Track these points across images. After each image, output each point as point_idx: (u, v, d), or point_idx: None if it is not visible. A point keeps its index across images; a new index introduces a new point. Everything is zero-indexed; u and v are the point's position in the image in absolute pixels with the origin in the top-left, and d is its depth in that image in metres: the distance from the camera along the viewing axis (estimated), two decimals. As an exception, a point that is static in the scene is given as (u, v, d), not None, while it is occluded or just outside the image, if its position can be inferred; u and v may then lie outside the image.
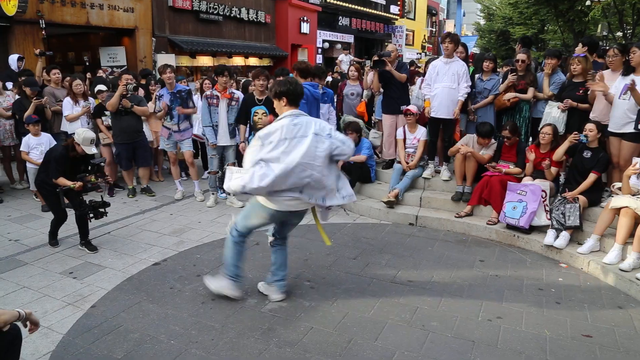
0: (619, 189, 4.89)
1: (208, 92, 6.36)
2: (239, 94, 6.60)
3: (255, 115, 6.18)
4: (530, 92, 6.12)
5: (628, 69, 5.06)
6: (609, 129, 5.19)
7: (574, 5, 23.01)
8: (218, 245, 5.16)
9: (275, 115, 5.98)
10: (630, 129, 4.98)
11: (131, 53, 13.01)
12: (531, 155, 5.55)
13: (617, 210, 4.61)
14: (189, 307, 3.85)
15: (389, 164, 6.91)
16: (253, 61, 17.96)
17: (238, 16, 16.62)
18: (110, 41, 13.21)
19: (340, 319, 3.72)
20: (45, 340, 3.38)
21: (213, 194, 6.63)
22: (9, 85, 7.48)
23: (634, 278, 4.24)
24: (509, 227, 5.38)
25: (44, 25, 10.37)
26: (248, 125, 6.34)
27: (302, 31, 19.88)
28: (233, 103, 6.33)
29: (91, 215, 4.97)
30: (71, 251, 4.99)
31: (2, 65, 9.31)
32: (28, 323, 2.54)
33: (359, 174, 6.60)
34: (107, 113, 6.77)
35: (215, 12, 15.54)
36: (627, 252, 4.48)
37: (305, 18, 19.94)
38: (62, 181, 4.80)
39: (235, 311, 3.81)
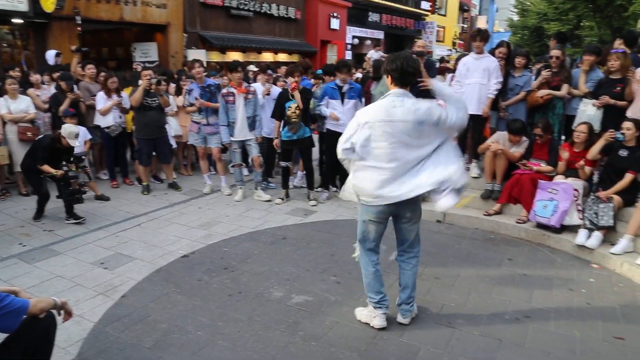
0: (656, 189, 4.74)
1: (224, 90, 6.41)
2: (255, 87, 6.69)
3: (289, 110, 6.23)
4: (565, 89, 5.97)
5: (668, 65, 4.89)
6: (647, 127, 5.02)
7: (613, 0, 22.25)
8: (245, 238, 5.23)
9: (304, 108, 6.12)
10: (670, 126, 4.82)
11: (163, 49, 13.24)
12: (565, 154, 5.42)
13: (653, 211, 4.48)
14: (216, 299, 3.92)
15: None
16: (282, 57, 18.03)
17: (268, 12, 16.72)
18: (143, 37, 13.47)
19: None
20: (78, 327, 3.49)
21: (240, 188, 6.70)
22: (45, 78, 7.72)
23: (670, 281, 4.11)
24: (539, 226, 5.27)
25: (80, 22, 10.64)
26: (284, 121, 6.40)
27: (331, 27, 19.85)
28: (250, 97, 6.37)
29: (70, 199, 5.56)
30: (102, 242, 5.13)
31: (40, 61, 9.63)
32: (62, 312, 2.62)
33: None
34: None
35: (246, 7, 15.66)
36: (664, 254, 4.35)
37: (335, 14, 19.90)
38: (46, 168, 5.49)
39: (261, 304, 3.85)
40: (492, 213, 5.70)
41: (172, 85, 7.83)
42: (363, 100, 6.51)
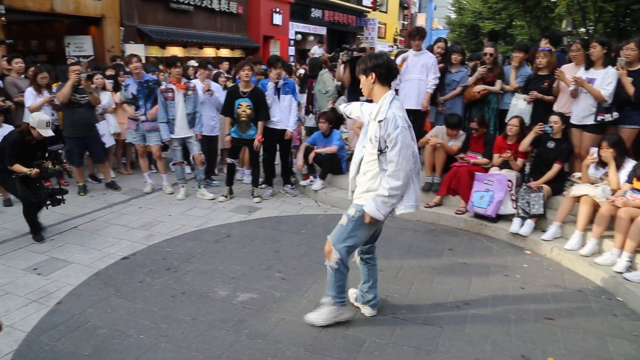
0: (579, 178, 5.06)
1: (163, 86, 6.24)
2: (195, 83, 6.56)
3: (239, 108, 6.12)
4: (498, 84, 6.24)
5: (589, 63, 5.21)
6: (571, 121, 5.34)
7: (540, 1, 23.65)
8: (189, 238, 5.13)
9: (257, 109, 5.99)
10: (591, 120, 5.16)
11: (98, 43, 12.67)
12: (506, 154, 5.63)
13: (578, 199, 4.77)
14: (159, 301, 3.82)
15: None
16: (225, 52, 17.75)
17: (209, 6, 16.38)
18: (77, 30, 12.82)
19: (312, 308, 3.73)
20: (8, 339, 3.30)
21: (182, 186, 6.56)
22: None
23: (593, 263, 4.40)
24: (477, 216, 5.50)
25: (3, 11, 9.98)
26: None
27: (274, 22, 19.73)
28: (189, 93, 6.24)
29: (48, 202, 4.93)
30: (35, 246, 4.87)
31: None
32: None
33: (330, 165, 6.62)
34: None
35: (186, 1, 15.27)
36: (587, 238, 4.65)
37: (277, 9, 19.79)
38: (18, 167, 4.74)
39: (205, 304, 3.79)
40: (433, 205, 5.88)
41: (109, 82, 7.52)
42: (298, 96, 6.54)
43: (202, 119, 6.48)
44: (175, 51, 15.12)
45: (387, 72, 3.09)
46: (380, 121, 3.05)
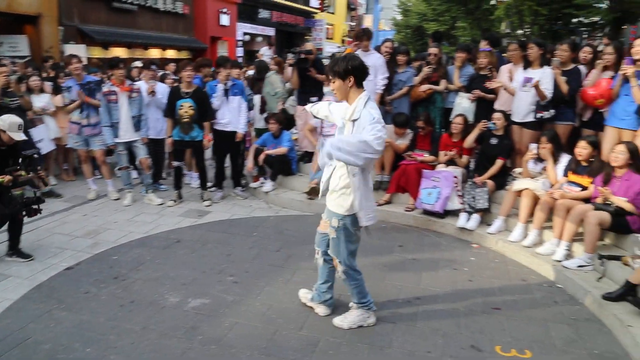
0: (520, 173, 5.29)
1: (105, 88, 6.04)
2: (139, 85, 6.38)
3: (181, 109, 5.98)
4: (443, 84, 6.42)
5: (527, 63, 5.45)
6: (512, 119, 5.57)
7: (481, 4, 24.68)
8: (137, 244, 4.98)
9: (201, 110, 5.86)
10: (531, 118, 5.40)
11: (35, 43, 12.06)
12: (451, 152, 5.79)
13: (519, 193, 4.98)
14: (107, 312, 3.68)
15: (304, 156, 6.98)
16: (171, 53, 17.36)
17: (154, 6, 15.97)
18: (10, 29, 12.14)
19: (265, 311, 3.73)
20: (-59, 358, 3.10)
21: (129, 192, 6.36)
22: None
23: (535, 253, 4.62)
24: (425, 212, 5.63)
25: None
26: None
27: (221, 23, 19.49)
28: (134, 95, 6.07)
29: (24, 213, 4.56)
30: (-30, 260, 4.59)
31: None
32: None
33: (280, 166, 6.61)
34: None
35: (130, 1, 14.82)
36: (529, 230, 4.86)
37: (224, 10, 19.56)
38: None
39: (156, 312, 3.69)
40: (383, 203, 5.98)
41: (48, 84, 7.18)
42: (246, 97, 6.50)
43: (148, 122, 6.31)
44: (119, 52, 14.66)
45: (363, 75, 3.10)
46: (354, 120, 3.06)
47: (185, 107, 5.98)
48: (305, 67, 6.51)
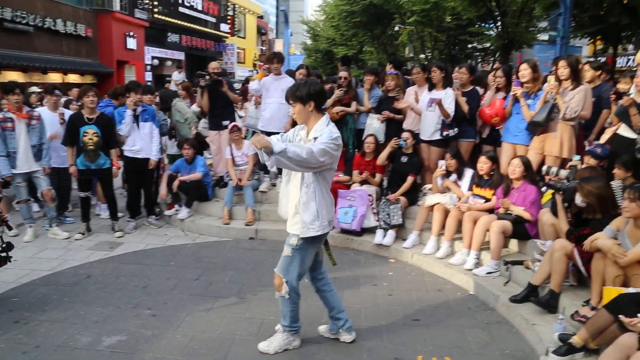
0: (430, 189, 5.59)
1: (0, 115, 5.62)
2: (39, 111, 5.99)
3: (85, 136, 5.65)
4: (354, 105, 6.64)
5: (431, 85, 5.82)
6: (420, 137, 5.89)
7: (385, 30, 26.09)
8: (41, 283, 4.60)
9: (105, 137, 5.56)
10: (437, 136, 5.73)
11: None
12: (365, 173, 5.98)
13: (431, 207, 5.25)
14: None
15: (219, 181, 6.89)
16: (73, 78, 16.46)
17: (53, 27, 15.11)
18: None
19: (187, 343, 3.59)
20: None
21: (30, 226, 5.87)
22: None
23: (448, 263, 4.88)
24: (343, 231, 5.75)
25: None
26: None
27: (128, 47, 18.87)
28: (33, 122, 5.70)
29: None
30: None
31: None
32: None
33: (196, 192, 6.45)
34: None
35: (24, 21, 13.90)
36: (441, 242, 5.12)
37: (131, 33, 18.98)
38: None
39: (65, 356, 3.41)
40: (302, 224, 6.01)
41: None
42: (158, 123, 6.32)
43: (50, 151, 5.91)
44: (14, 76, 13.64)
45: (323, 99, 3.19)
46: (315, 138, 3.11)
47: (90, 134, 5.68)
48: (218, 88, 6.46)
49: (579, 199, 3.83)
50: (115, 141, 5.92)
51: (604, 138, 4.86)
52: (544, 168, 4.59)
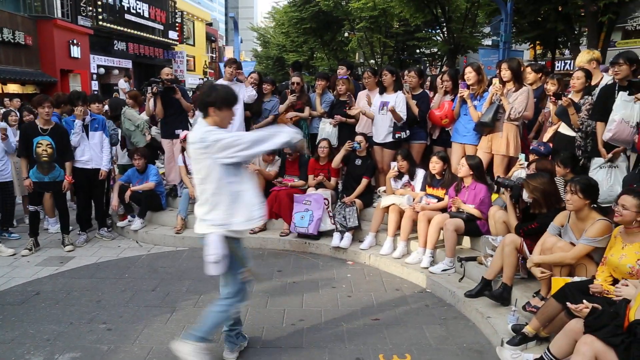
0: (384, 191, 5.70)
1: None
2: None
3: (39, 147, 5.41)
4: (307, 110, 6.69)
5: (382, 89, 5.94)
6: (374, 139, 6.00)
7: (335, 36, 26.42)
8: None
9: (60, 148, 5.30)
10: (390, 138, 5.86)
11: None
12: (319, 176, 6.03)
13: (386, 209, 5.35)
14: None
15: (172, 190, 6.77)
16: (14, 88, 15.72)
17: (-12, 36, 14.44)
18: None
19: (145, 355, 3.50)
20: None
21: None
22: None
23: (405, 263, 4.98)
24: (300, 235, 5.77)
25: None
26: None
27: (72, 55, 18.24)
28: None
29: None
30: None
31: None
32: None
33: (149, 202, 6.31)
34: None
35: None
36: (397, 242, 5.23)
37: (74, 41, 18.34)
38: None
39: (14, 375, 3.26)
40: (257, 230, 5.97)
41: None
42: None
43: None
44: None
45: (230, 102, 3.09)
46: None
47: (44, 146, 5.44)
48: (172, 95, 6.36)
49: (525, 195, 4.01)
50: (70, 153, 5.69)
51: (546, 137, 5.11)
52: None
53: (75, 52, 18.40)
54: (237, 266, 3.18)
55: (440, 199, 5.11)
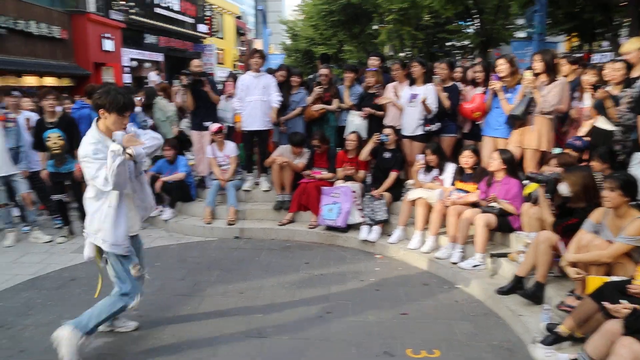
0: (413, 184, 5.63)
1: None
2: (14, 114, 5.87)
3: (49, 140, 5.53)
4: (335, 103, 6.66)
5: (411, 81, 5.86)
6: (402, 133, 5.93)
7: (364, 29, 26.19)
8: (24, 288, 4.52)
9: (70, 138, 5.43)
10: (419, 131, 5.78)
11: None
12: (348, 168, 6.00)
13: (414, 202, 5.29)
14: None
15: (202, 181, 6.84)
16: (50, 81, 16.12)
17: (26, 30, 14.81)
18: None
19: (174, 342, 3.56)
20: None
21: (10, 231, 5.75)
22: None
23: (434, 258, 4.91)
24: (328, 228, 5.76)
25: None
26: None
27: (104, 48, 18.59)
28: (10, 125, 5.58)
29: None
30: None
31: None
32: None
33: (179, 192, 6.40)
34: None
35: (-4, 24, 13.63)
36: (426, 236, 5.16)
37: (107, 35, 18.70)
38: None
39: (53, 357, 3.34)
40: (286, 222, 6.01)
41: None
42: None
43: (29, 154, 5.78)
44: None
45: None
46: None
47: (54, 138, 5.55)
48: (200, 88, 6.41)
49: (564, 189, 3.88)
50: (78, 142, 5.78)
51: (583, 131, 4.95)
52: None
53: (108, 45, 18.77)
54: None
55: (470, 194, 5.01)
